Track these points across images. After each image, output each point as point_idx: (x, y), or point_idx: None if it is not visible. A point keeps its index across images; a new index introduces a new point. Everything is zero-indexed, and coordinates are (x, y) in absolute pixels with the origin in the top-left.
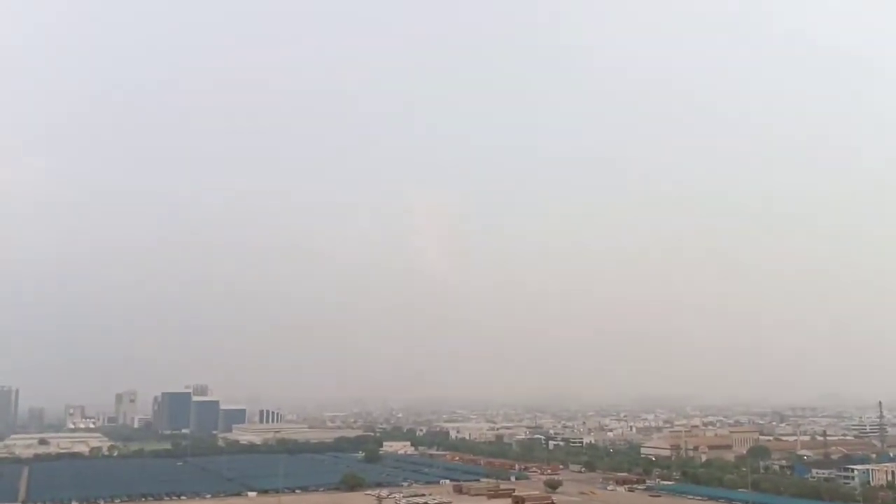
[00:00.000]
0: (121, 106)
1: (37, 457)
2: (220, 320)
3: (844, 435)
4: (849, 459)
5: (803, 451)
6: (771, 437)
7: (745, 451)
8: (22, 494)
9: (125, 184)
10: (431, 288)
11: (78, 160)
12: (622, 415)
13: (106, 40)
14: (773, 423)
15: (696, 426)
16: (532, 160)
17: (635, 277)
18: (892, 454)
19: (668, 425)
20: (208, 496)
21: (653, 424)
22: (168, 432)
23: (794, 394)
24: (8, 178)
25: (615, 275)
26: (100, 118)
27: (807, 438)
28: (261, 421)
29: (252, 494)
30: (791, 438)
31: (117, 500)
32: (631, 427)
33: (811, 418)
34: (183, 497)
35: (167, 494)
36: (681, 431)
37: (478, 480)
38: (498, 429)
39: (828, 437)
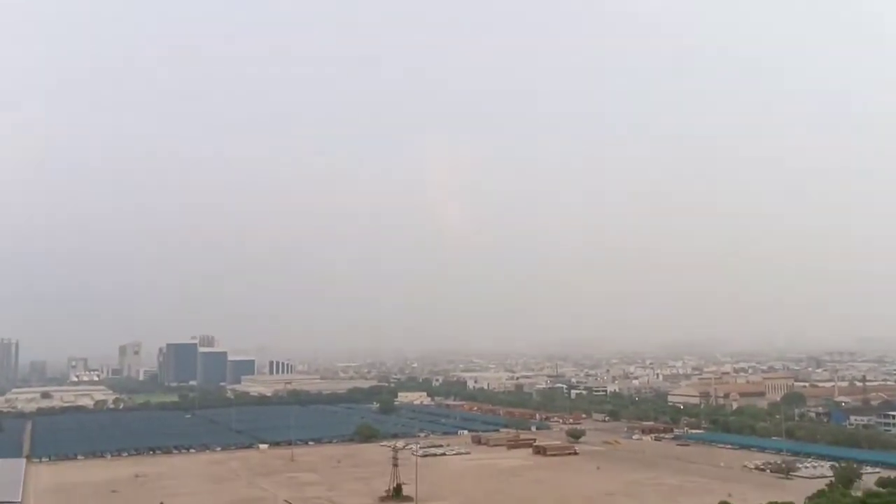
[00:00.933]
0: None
1: (40, 411)
2: (226, 270)
3: (885, 380)
4: (889, 405)
5: (841, 398)
6: (806, 384)
7: (778, 399)
8: (26, 449)
9: (135, 137)
10: (449, 238)
11: (86, 113)
12: (648, 362)
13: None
14: (809, 368)
15: (727, 373)
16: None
17: (661, 225)
18: None
19: (696, 372)
20: (218, 449)
21: (680, 372)
22: (174, 385)
23: (831, 338)
24: (8, 122)
25: (639, 221)
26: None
27: (845, 384)
28: (270, 372)
29: (263, 447)
30: (828, 384)
31: (124, 454)
32: (657, 375)
33: (849, 363)
34: (192, 450)
35: (175, 447)
36: (710, 378)
37: (497, 431)
38: (517, 378)
39: (867, 383)
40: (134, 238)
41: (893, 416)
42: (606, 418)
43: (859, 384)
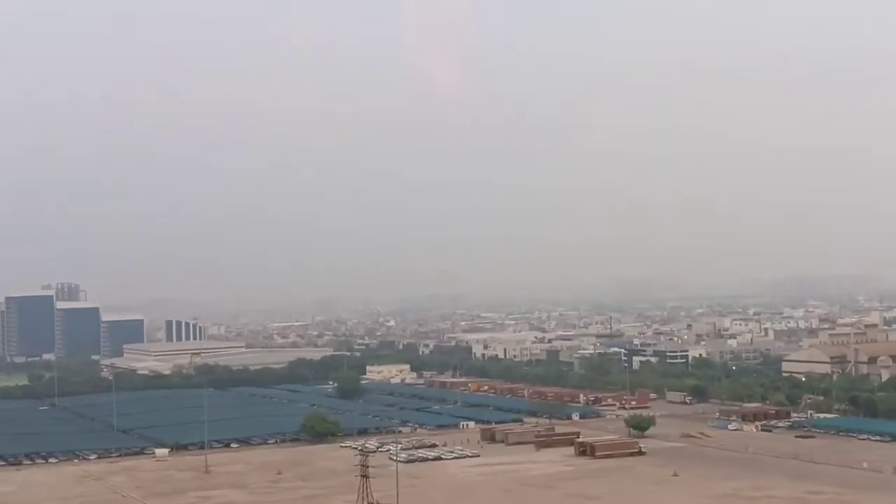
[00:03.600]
0: None
1: None
2: (95, 191)
3: None
4: None
5: None
6: None
7: None
8: None
9: None
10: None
11: None
12: (752, 311)
13: None
14: None
15: (873, 325)
16: None
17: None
18: None
19: (827, 325)
20: (93, 456)
21: (802, 325)
22: (22, 360)
23: None
24: None
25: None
26: None
27: None
28: (169, 338)
29: (162, 452)
30: None
31: None
32: (766, 330)
33: None
34: (52, 459)
35: (27, 456)
36: (848, 333)
37: (520, 422)
38: (550, 340)
39: None
40: None
41: None
42: (688, 399)
43: None
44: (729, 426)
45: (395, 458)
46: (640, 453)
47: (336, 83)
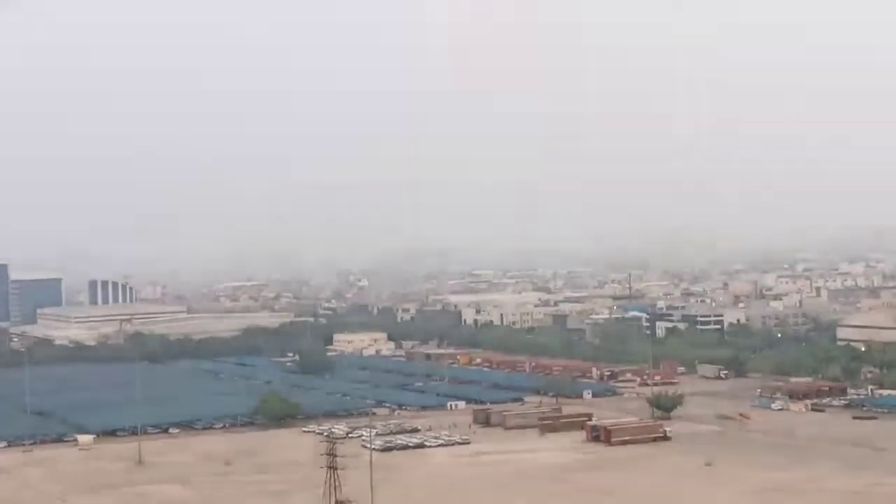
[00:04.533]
0: None
1: None
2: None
3: None
4: None
5: None
6: None
7: None
8: None
9: None
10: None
11: None
12: (801, 267)
13: None
14: None
15: None
16: None
17: None
18: None
19: (892, 284)
20: (2, 444)
21: (861, 283)
22: None
23: None
24: None
25: None
26: None
27: None
28: (93, 301)
29: (86, 439)
30: None
31: None
32: (818, 290)
33: None
34: None
35: None
36: None
37: (520, 401)
38: (557, 303)
39: None
40: None
41: None
42: (724, 373)
43: None
44: (773, 405)
45: (369, 445)
46: (666, 439)
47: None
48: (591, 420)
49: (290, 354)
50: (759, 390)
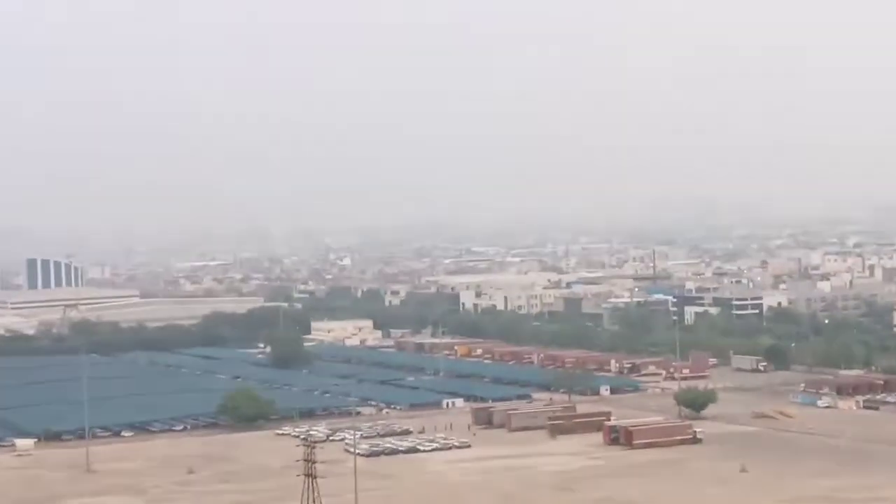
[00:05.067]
0: None
1: None
2: None
3: None
4: None
5: None
6: None
7: None
8: None
9: None
10: None
11: None
12: (851, 242)
13: None
14: None
15: None
16: None
17: None
18: None
19: None
20: None
21: None
22: None
23: None
24: None
25: None
26: None
27: None
28: (32, 284)
29: (26, 443)
30: None
31: None
32: (871, 268)
33: None
34: None
35: None
36: None
37: (527, 399)
38: (569, 285)
39: None
40: None
41: None
42: (762, 365)
43: None
44: (819, 402)
45: (353, 450)
46: (696, 441)
47: None
48: (609, 420)
49: (261, 345)
50: (802, 385)
